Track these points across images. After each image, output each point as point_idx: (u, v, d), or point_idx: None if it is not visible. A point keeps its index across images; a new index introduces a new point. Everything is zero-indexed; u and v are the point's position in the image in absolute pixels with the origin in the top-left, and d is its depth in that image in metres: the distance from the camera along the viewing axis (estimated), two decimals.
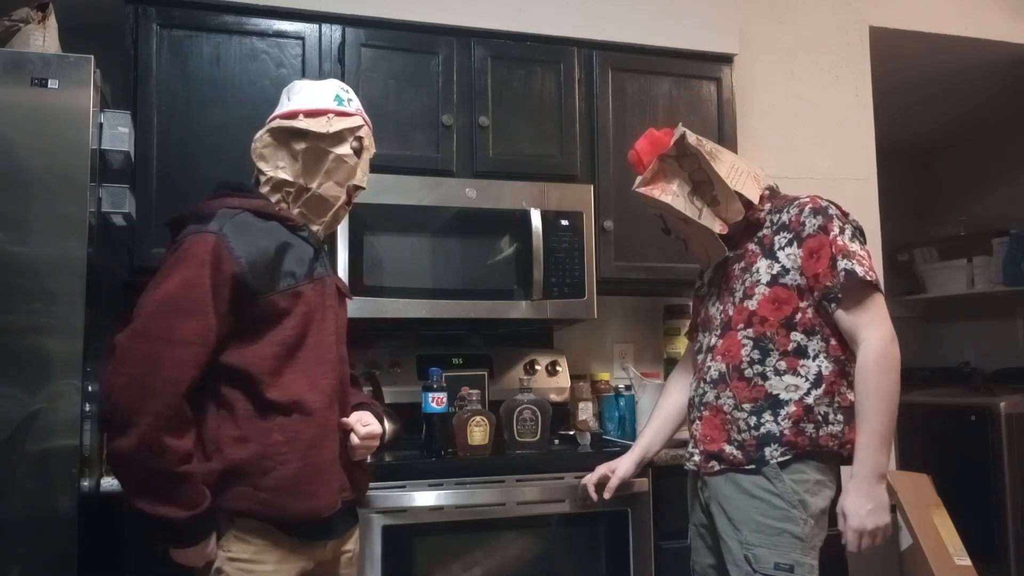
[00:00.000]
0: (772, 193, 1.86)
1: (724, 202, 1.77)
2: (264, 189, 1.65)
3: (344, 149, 1.64)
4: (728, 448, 1.73)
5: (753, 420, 1.70)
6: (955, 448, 3.65)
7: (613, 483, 1.97)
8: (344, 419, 1.66)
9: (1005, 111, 4.16)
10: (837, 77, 3.14)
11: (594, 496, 1.98)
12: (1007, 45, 3.33)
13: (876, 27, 3.17)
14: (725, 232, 1.78)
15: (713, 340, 1.82)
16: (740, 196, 1.77)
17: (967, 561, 2.80)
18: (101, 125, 1.89)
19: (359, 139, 1.67)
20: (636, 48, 2.61)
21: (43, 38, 1.92)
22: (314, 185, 1.64)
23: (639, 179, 1.81)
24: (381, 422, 1.75)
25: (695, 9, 2.68)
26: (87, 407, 1.75)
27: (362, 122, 1.68)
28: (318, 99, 1.65)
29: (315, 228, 1.68)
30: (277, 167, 1.63)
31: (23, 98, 1.72)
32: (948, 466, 3.32)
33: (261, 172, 1.65)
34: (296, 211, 1.65)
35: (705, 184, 1.78)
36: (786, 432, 1.67)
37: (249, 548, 1.51)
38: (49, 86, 1.74)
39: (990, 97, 3.96)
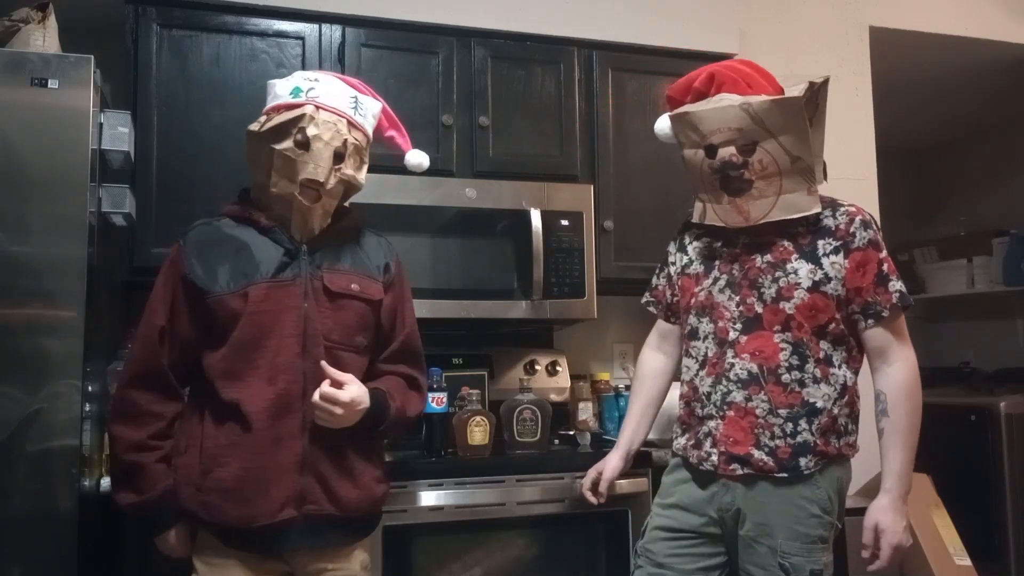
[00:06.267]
0: None
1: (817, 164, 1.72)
2: (254, 193, 1.71)
3: (285, 144, 1.59)
4: (757, 453, 1.67)
5: (789, 427, 1.66)
6: (955, 448, 3.63)
7: (602, 487, 1.96)
8: (330, 370, 1.56)
9: (1005, 111, 4.16)
10: (837, 77, 3.13)
11: (594, 500, 1.97)
12: (1007, 45, 3.33)
13: (876, 27, 3.17)
14: (816, 192, 1.69)
15: (732, 334, 1.72)
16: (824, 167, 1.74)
17: (967, 561, 2.79)
18: (101, 125, 1.90)
19: (302, 130, 1.59)
20: (636, 48, 2.61)
21: (43, 38, 1.92)
22: (270, 183, 1.63)
23: (766, 99, 1.72)
24: (384, 405, 1.65)
25: (695, 9, 2.68)
26: (87, 407, 1.75)
27: (306, 112, 1.59)
28: (276, 96, 1.66)
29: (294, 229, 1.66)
30: (254, 170, 1.67)
31: (23, 98, 1.72)
32: (948, 466, 3.30)
33: None
34: (276, 212, 1.66)
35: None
36: (818, 442, 1.66)
37: (211, 549, 1.56)
38: (49, 86, 1.74)
39: (990, 97, 3.96)
